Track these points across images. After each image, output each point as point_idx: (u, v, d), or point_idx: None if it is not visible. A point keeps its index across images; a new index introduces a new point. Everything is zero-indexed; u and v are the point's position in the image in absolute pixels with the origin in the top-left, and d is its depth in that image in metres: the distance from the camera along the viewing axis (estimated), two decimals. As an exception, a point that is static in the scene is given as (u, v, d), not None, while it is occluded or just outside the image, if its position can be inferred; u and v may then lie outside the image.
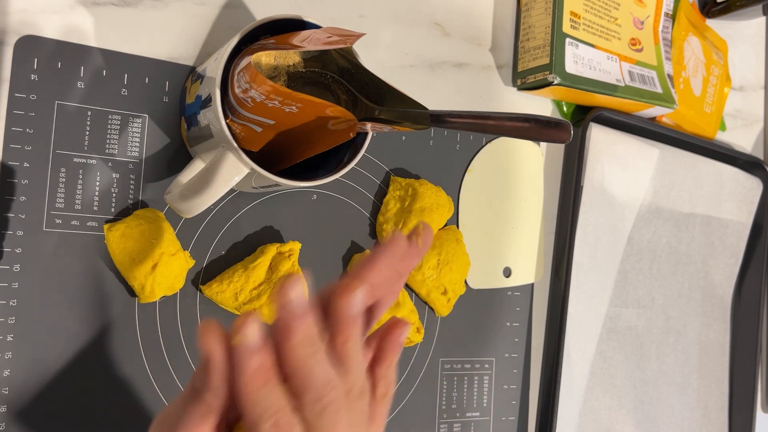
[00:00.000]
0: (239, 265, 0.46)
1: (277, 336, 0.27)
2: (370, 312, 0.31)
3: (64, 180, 0.42)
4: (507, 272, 0.58)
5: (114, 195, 0.43)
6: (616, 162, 0.61)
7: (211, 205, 0.44)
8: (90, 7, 0.43)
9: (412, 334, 0.52)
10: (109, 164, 0.43)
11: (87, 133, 0.43)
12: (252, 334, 0.26)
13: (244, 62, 0.36)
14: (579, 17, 0.57)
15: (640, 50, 0.62)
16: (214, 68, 0.38)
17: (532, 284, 0.59)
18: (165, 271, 0.42)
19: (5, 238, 0.40)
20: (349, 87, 0.41)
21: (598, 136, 0.60)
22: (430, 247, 0.46)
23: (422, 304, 0.53)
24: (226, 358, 0.27)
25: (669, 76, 0.64)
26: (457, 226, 0.55)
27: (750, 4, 0.71)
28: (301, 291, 0.27)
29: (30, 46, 0.41)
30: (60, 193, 0.42)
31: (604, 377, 0.62)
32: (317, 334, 0.27)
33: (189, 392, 0.28)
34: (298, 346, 0.27)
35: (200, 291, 0.45)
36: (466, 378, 0.55)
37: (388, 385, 0.30)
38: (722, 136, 0.76)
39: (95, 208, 0.43)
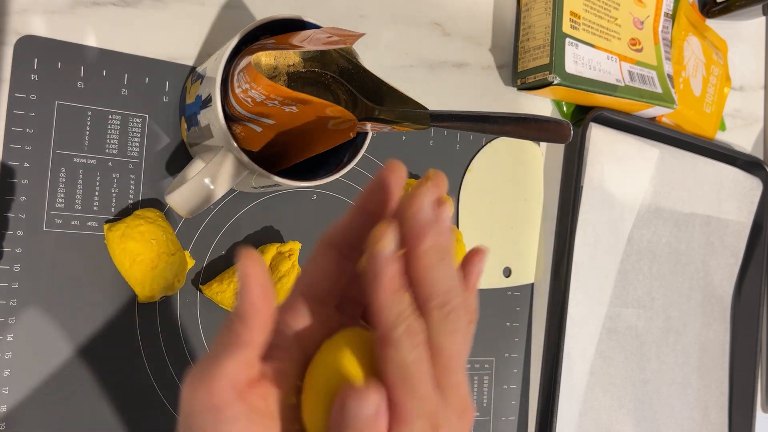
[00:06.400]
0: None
1: (407, 241, 0.26)
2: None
3: (64, 180, 0.42)
4: (507, 272, 0.58)
5: (114, 195, 0.43)
6: (616, 162, 0.61)
7: (211, 205, 0.44)
8: (90, 7, 0.43)
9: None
10: (109, 164, 0.43)
11: (87, 133, 0.43)
12: (390, 242, 0.25)
13: (244, 62, 0.36)
14: (579, 17, 0.57)
15: (640, 50, 0.62)
16: (214, 68, 0.38)
17: (532, 284, 0.59)
18: (165, 271, 0.42)
19: (5, 238, 0.40)
20: (349, 87, 0.41)
21: (598, 136, 0.60)
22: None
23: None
24: (264, 285, 0.25)
25: (669, 76, 0.64)
26: (457, 226, 0.55)
27: (750, 4, 0.71)
28: (432, 198, 0.27)
29: (30, 46, 0.41)
30: (60, 193, 0.42)
31: (604, 377, 0.62)
32: (445, 241, 0.27)
33: (223, 331, 0.26)
34: (429, 252, 0.26)
35: (200, 291, 0.45)
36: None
37: (474, 311, 0.30)
38: (722, 136, 0.76)
39: (95, 208, 0.43)
